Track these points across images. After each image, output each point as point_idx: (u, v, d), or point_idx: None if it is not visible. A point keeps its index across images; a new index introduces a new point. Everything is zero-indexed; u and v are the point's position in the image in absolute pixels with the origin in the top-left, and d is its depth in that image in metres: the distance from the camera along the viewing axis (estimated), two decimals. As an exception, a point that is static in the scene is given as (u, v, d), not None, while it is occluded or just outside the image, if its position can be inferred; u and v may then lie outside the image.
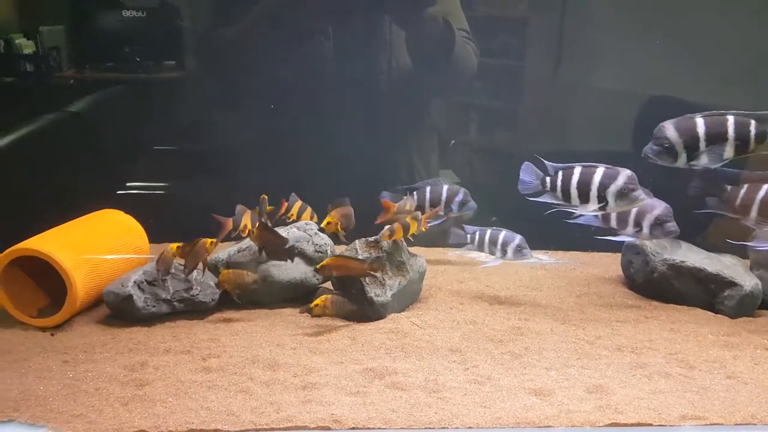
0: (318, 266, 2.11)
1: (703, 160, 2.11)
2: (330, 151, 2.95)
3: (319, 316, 2.09)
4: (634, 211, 2.24)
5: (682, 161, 2.14)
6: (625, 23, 2.80)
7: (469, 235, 2.50)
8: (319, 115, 2.94)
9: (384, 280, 2.18)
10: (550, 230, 2.56)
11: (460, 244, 2.54)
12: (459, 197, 2.62)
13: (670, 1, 2.77)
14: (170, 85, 3.01)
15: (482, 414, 1.65)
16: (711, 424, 1.66)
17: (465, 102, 3.28)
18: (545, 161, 2.24)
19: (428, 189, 2.63)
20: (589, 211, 2.20)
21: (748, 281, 2.30)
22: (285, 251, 2.17)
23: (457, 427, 1.60)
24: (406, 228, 2.18)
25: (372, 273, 2.12)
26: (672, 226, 2.23)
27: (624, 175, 2.11)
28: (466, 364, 1.91)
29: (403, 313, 2.22)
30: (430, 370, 1.86)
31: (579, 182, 2.16)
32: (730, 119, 2.10)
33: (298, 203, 2.41)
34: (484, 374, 1.85)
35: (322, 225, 2.12)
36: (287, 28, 2.83)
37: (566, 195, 2.20)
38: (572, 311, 2.35)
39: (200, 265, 2.11)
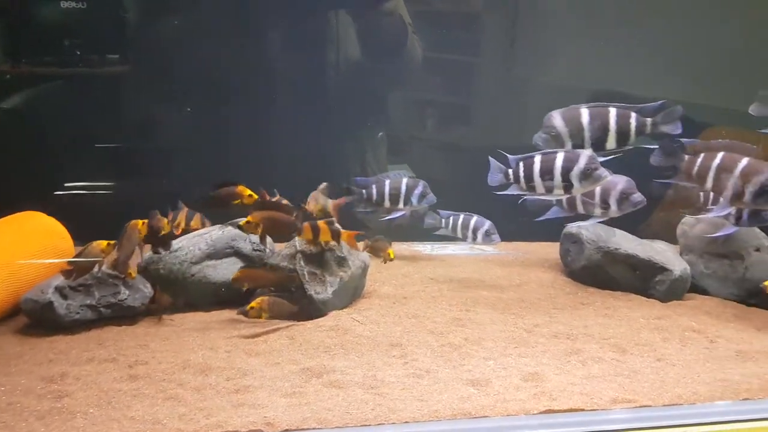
0: (231, 279, 2.08)
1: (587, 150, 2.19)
2: (279, 147, 2.91)
3: (256, 318, 2.05)
4: (598, 191, 2.29)
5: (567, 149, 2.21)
6: (576, 20, 2.86)
7: (443, 220, 2.53)
8: (267, 110, 2.90)
9: (324, 276, 2.17)
10: (497, 222, 2.59)
11: (434, 228, 2.57)
12: (418, 190, 2.62)
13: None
14: (114, 81, 2.89)
15: (419, 408, 1.65)
16: (640, 407, 1.71)
17: (418, 96, 3.28)
18: (506, 154, 2.28)
19: (387, 182, 2.64)
20: (554, 196, 2.24)
21: (678, 266, 2.38)
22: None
23: (393, 422, 1.60)
24: (315, 229, 2.13)
25: (286, 285, 2.10)
26: (638, 197, 2.28)
27: (585, 156, 2.14)
28: (406, 358, 1.92)
29: (345, 310, 2.21)
30: (369, 366, 1.85)
31: (541, 170, 2.19)
32: (612, 111, 2.18)
33: (184, 211, 2.36)
34: (423, 367, 1.86)
35: (241, 224, 2.06)
36: (234, 23, 2.78)
37: (530, 184, 2.22)
38: (512, 300, 2.38)
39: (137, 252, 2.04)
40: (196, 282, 2.15)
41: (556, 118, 2.21)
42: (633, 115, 2.18)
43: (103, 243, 1.99)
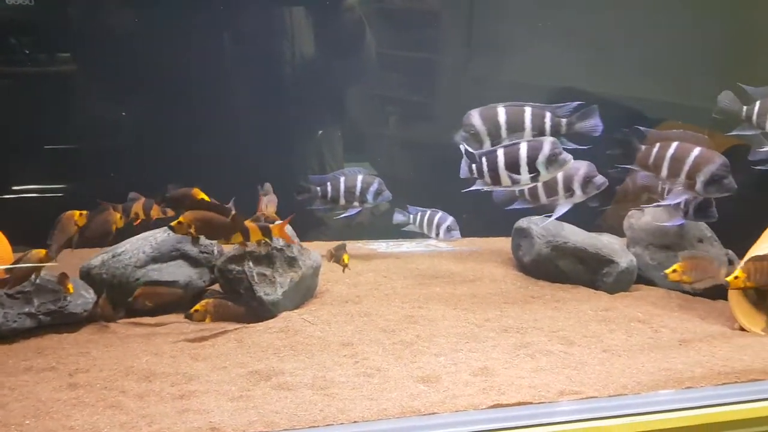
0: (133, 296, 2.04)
1: None
2: (235, 144, 2.86)
3: (201, 321, 2.01)
4: (560, 178, 2.31)
5: (486, 148, 2.26)
6: (534, 18, 2.89)
7: (411, 215, 2.54)
8: (222, 107, 2.85)
9: (274, 277, 2.14)
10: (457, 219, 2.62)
11: (403, 224, 2.58)
12: (374, 187, 2.61)
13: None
14: (64, 80, 2.80)
15: (369, 407, 1.64)
16: (586, 398, 1.74)
17: (378, 93, 3.27)
18: (469, 149, 2.28)
19: (342, 179, 2.61)
20: (521, 186, 2.26)
21: (624, 258, 2.43)
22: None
23: (342, 423, 1.59)
24: (244, 231, 2.05)
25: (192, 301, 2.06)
26: (600, 179, 2.32)
27: (548, 142, 2.16)
28: (356, 357, 1.91)
29: (296, 311, 2.19)
30: (319, 367, 1.84)
31: (507, 162, 2.19)
32: (528, 110, 2.24)
33: (141, 201, 2.28)
34: (374, 366, 1.86)
35: (172, 224, 1.98)
36: (187, 19, 2.72)
37: (495, 178, 2.22)
38: (465, 296, 2.40)
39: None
40: (141, 286, 2.10)
41: (475, 117, 2.25)
42: (548, 114, 2.24)
43: (43, 251, 1.92)
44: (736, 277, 1.99)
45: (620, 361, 1.92)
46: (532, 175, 2.17)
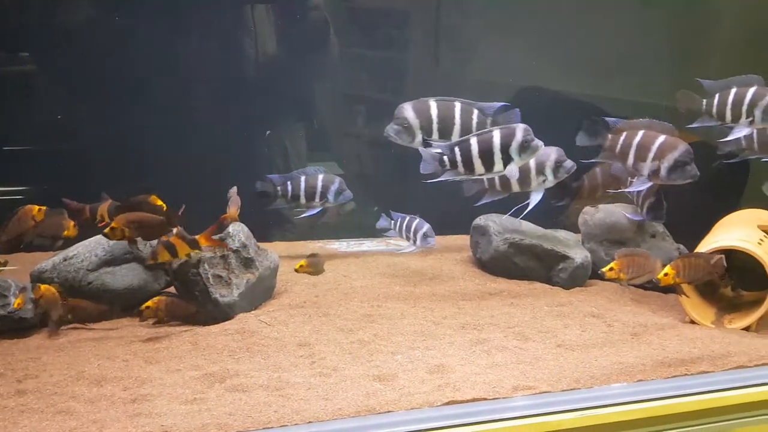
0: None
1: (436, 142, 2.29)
2: (195, 144, 2.83)
3: (154, 320, 1.99)
4: (532, 164, 2.35)
5: (418, 141, 2.30)
6: (499, 19, 2.91)
7: (393, 221, 2.55)
8: (184, 106, 2.81)
9: (230, 279, 2.12)
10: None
11: (386, 229, 2.59)
12: (335, 186, 2.60)
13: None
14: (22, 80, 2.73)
15: (323, 407, 1.64)
16: (540, 393, 1.77)
17: (346, 91, 3.26)
18: (437, 141, 2.31)
19: (303, 178, 2.60)
20: (494, 174, 2.29)
21: (579, 254, 2.48)
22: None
23: (296, 423, 1.58)
24: (170, 248, 2.00)
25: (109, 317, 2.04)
26: (569, 163, 2.36)
27: (520, 129, 2.19)
28: (313, 357, 1.91)
29: (253, 312, 2.18)
30: (275, 368, 1.83)
31: (480, 150, 2.21)
32: (457, 106, 2.29)
33: (107, 202, 2.25)
34: (330, 366, 1.86)
35: (105, 231, 1.96)
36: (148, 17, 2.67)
37: (468, 167, 2.24)
38: (423, 294, 2.41)
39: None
40: (94, 290, 2.06)
41: (408, 110, 2.28)
42: (475, 111, 2.29)
43: None
44: (665, 274, 2.05)
45: (574, 356, 1.95)
46: (505, 161, 2.22)
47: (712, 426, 1.91)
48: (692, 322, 2.17)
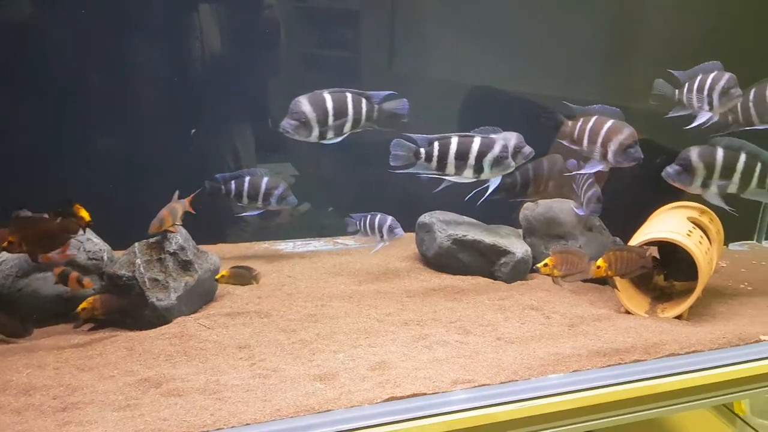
0: None
1: (330, 134, 2.32)
2: (142, 146, 2.75)
3: (90, 325, 1.93)
4: (475, 153, 2.35)
5: (314, 135, 2.31)
6: (451, 18, 2.92)
7: (357, 222, 2.54)
8: (130, 106, 2.73)
9: (168, 282, 2.08)
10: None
11: (356, 231, 2.56)
12: (278, 191, 2.58)
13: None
14: None
15: (262, 408, 1.63)
16: (479, 386, 1.79)
17: (299, 92, 3.21)
18: (414, 136, 2.33)
19: (247, 180, 2.57)
20: (463, 179, 2.33)
21: (520, 248, 2.52)
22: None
23: (233, 426, 1.56)
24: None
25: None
26: (528, 149, 2.39)
27: (499, 143, 2.27)
28: (253, 359, 1.88)
29: (193, 315, 2.14)
30: (213, 371, 1.80)
31: (458, 152, 2.27)
32: (349, 96, 2.32)
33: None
34: (270, 367, 1.84)
35: (3, 245, 1.86)
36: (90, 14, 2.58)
37: (442, 165, 2.29)
38: (368, 292, 2.41)
39: None
40: (25, 297, 1.99)
41: (305, 104, 2.27)
42: (364, 101, 2.33)
43: None
44: (598, 267, 2.12)
45: (513, 348, 1.98)
46: (476, 168, 2.30)
47: (646, 413, 1.98)
48: (627, 312, 2.23)
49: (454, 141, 2.28)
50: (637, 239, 2.23)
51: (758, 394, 2.13)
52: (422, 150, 2.31)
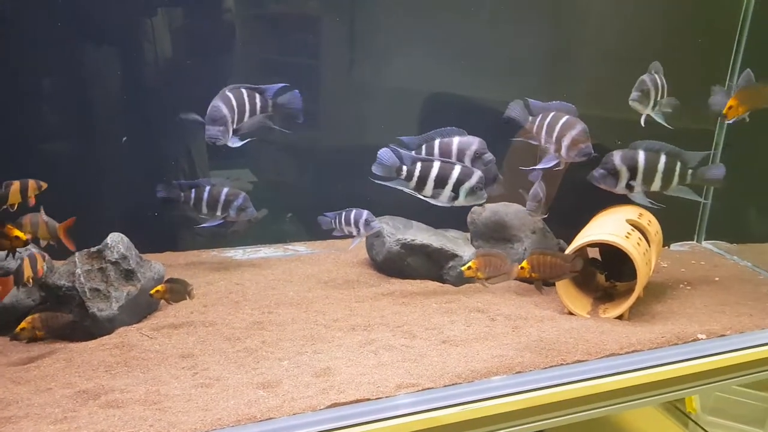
0: None
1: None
2: (92, 150, 2.70)
3: (31, 339, 1.88)
4: (454, 151, 2.44)
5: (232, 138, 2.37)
6: (409, 26, 2.95)
7: (332, 220, 2.53)
8: (83, 111, 2.67)
9: (109, 292, 2.04)
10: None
11: (330, 230, 2.55)
12: (237, 202, 2.55)
13: (447, 9, 2.96)
14: None
15: (202, 417, 1.61)
16: (423, 389, 1.80)
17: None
18: (402, 151, 2.37)
19: (208, 188, 2.54)
20: (439, 202, 2.40)
21: (467, 252, 2.55)
22: None
23: (171, 437, 1.54)
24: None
25: None
26: (489, 155, 2.45)
27: (477, 173, 2.35)
28: (196, 368, 1.86)
29: (136, 325, 2.10)
30: (154, 382, 1.78)
31: (438, 176, 2.34)
32: (244, 92, 2.38)
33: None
34: (213, 376, 1.82)
35: None
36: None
37: (421, 186, 2.36)
38: (317, 298, 2.40)
39: None
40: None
41: (222, 107, 2.31)
42: (257, 95, 2.40)
43: None
44: (522, 268, 2.20)
45: (457, 351, 2.00)
46: (453, 196, 2.37)
47: (589, 413, 2.02)
48: (570, 313, 2.28)
49: (436, 165, 2.35)
50: (577, 242, 2.28)
51: (696, 392, 2.21)
52: (405, 168, 2.37)
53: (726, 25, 3.10)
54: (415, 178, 2.36)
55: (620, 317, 2.25)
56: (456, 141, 2.45)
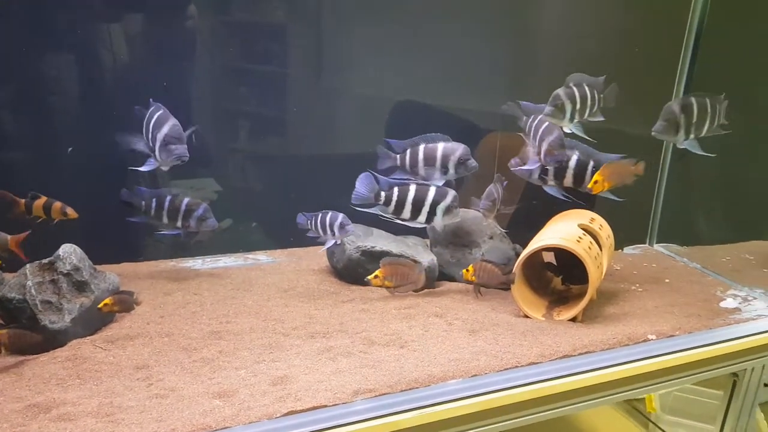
0: None
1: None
2: (54, 154, 2.65)
3: None
4: (438, 156, 2.49)
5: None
6: (375, 34, 2.97)
7: (308, 221, 2.53)
8: (41, 117, 2.61)
9: (61, 304, 2.01)
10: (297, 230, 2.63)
11: (305, 230, 2.55)
12: (198, 212, 2.53)
13: (412, 18, 3.00)
14: None
15: (156, 429, 1.60)
16: (379, 395, 1.82)
17: (225, 106, 3.16)
18: (379, 177, 2.43)
19: (169, 198, 2.52)
20: (415, 224, 2.50)
21: (426, 258, 2.58)
22: None
23: (124, 449, 1.53)
24: None
25: None
26: (473, 162, 2.50)
27: (451, 193, 2.45)
28: (151, 380, 1.84)
29: (90, 337, 2.07)
30: (107, 394, 1.75)
31: (415, 198, 2.43)
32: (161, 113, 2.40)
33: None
34: (168, 387, 1.80)
35: None
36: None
37: (399, 210, 2.44)
38: (276, 307, 2.40)
39: None
40: None
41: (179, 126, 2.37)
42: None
43: None
44: (467, 270, 2.37)
45: (414, 356, 2.02)
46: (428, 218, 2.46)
47: (544, 414, 2.06)
48: (525, 316, 2.32)
49: (413, 188, 2.42)
50: (531, 246, 2.32)
51: (647, 391, 2.27)
52: (383, 193, 2.42)
53: (674, 35, 3.21)
54: (393, 203, 2.42)
55: (574, 319, 2.30)
56: (441, 147, 2.49)
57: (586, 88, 2.42)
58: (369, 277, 2.31)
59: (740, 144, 3.07)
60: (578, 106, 2.42)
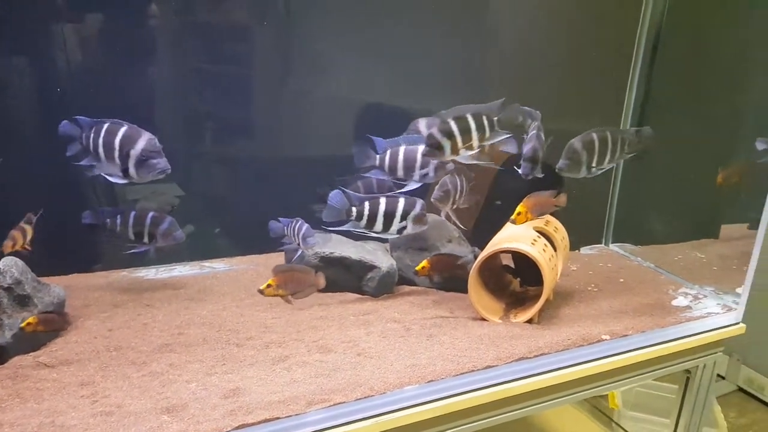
0: None
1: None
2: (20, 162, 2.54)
3: None
4: (417, 159, 2.47)
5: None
6: (345, 36, 2.93)
7: (285, 227, 2.49)
8: None
9: (2, 319, 1.93)
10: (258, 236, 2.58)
11: (281, 236, 2.50)
12: (163, 226, 2.45)
13: (382, 21, 2.97)
14: None
15: (99, 448, 1.54)
16: (334, 404, 1.79)
17: (189, 109, 3.08)
18: (351, 192, 2.40)
19: (133, 214, 2.43)
20: (385, 234, 2.47)
21: (385, 263, 2.56)
22: None
23: (65, 471, 1.47)
24: None
25: None
26: (450, 165, 2.48)
27: (420, 202, 2.43)
28: (96, 396, 1.78)
29: (33, 353, 1.99)
30: (48, 413, 1.68)
31: (386, 210, 2.40)
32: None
33: None
34: (114, 403, 1.74)
35: None
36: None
37: (371, 223, 2.41)
38: (231, 316, 2.35)
39: None
40: None
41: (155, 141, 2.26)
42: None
43: None
44: (423, 267, 2.43)
45: (371, 363, 2.00)
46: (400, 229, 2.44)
47: (501, 417, 2.06)
48: (483, 319, 2.31)
49: (383, 201, 2.40)
50: (489, 249, 2.32)
51: (602, 390, 2.29)
52: (354, 209, 2.40)
53: (625, 39, 3.26)
54: (365, 218, 2.40)
55: (530, 321, 2.31)
56: (420, 149, 2.45)
57: (470, 119, 2.29)
58: (261, 287, 2.17)
59: (692, 145, 3.14)
60: (459, 139, 2.29)
